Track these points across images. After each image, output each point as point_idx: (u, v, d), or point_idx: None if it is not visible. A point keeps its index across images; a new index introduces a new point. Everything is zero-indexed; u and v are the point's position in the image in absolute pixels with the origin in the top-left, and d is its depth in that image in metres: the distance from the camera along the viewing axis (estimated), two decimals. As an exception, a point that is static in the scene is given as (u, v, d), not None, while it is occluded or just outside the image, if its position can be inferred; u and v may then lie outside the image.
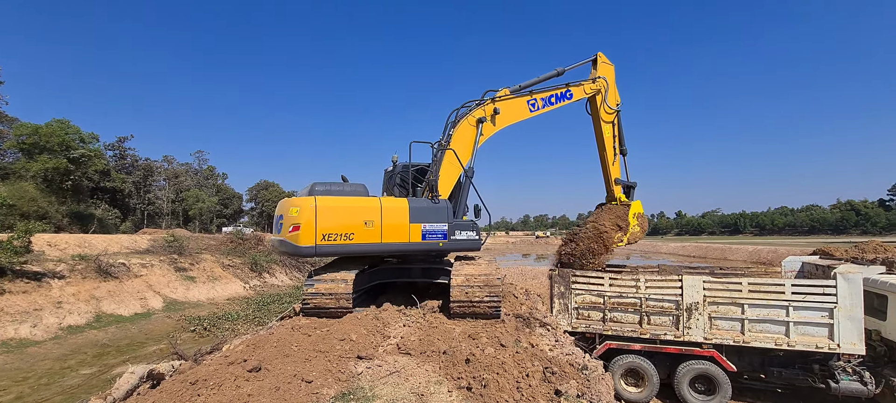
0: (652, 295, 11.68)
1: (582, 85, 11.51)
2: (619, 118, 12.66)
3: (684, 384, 11.44)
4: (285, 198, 8.56)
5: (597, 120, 12.30)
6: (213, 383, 4.81)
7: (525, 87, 10.47)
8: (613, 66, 12.27)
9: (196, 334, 19.45)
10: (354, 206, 7.86)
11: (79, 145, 43.40)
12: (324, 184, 8.17)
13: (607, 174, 13.01)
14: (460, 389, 4.91)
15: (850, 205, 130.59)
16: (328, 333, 6.74)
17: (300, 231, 7.43)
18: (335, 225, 7.60)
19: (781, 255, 38.29)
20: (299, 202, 7.75)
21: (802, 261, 13.97)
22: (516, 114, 10.35)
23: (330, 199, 7.79)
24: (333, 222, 7.59)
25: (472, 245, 8.76)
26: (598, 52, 12.10)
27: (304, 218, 7.45)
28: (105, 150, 59.37)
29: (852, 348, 10.27)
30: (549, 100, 10.82)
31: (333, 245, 7.63)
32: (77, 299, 20.71)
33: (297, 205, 7.66)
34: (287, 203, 7.96)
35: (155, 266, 27.59)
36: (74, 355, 16.33)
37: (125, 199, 59.76)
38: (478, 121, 9.52)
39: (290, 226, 7.50)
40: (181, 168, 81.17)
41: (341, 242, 7.65)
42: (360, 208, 7.86)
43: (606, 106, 12.11)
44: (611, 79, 12.19)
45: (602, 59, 12.10)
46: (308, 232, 7.43)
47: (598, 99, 11.93)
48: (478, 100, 9.73)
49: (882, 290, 10.87)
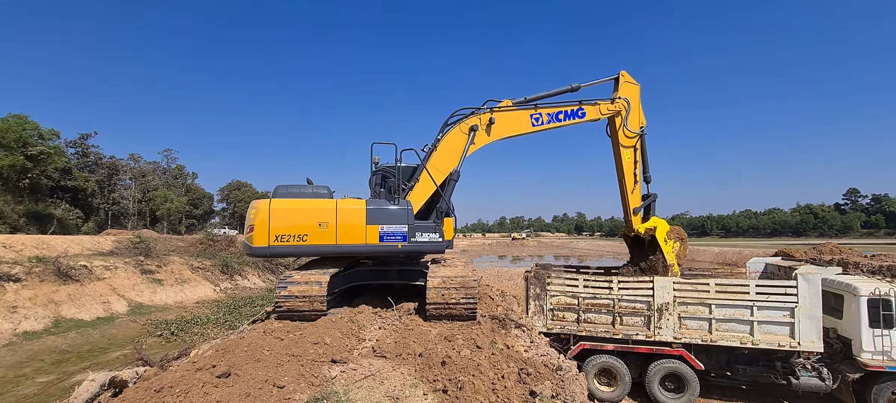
0: (624, 296, 11.94)
1: (598, 104, 10.66)
2: (643, 142, 11.56)
3: (655, 382, 11.74)
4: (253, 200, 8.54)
5: (616, 143, 11.39)
6: (179, 390, 4.62)
7: (532, 100, 9.91)
8: (639, 85, 11.25)
9: (163, 339, 18.75)
10: (308, 208, 7.96)
11: (37, 142, 41.37)
12: (287, 186, 8.25)
13: (626, 202, 11.98)
14: (436, 391, 4.88)
15: (809, 209, 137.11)
16: (301, 336, 6.60)
17: (254, 232, 7.65)
18: (288, 226, 7.76)
19: (746, 257, 39.79)
20: (257, 204, 7.94)
21: (766, 263, 14.56)
22: (516, 126, 9.80)
23: (284, 201, 7.96)
24: (287, 223, 7.75)
25: (436, 247, 8.58)
26: (622, 71, 11.11)
27: (259, 219, 7.69)
28: (66, 147, 56.70)
29: (811, 345, 10.76)
30: (557, 117, 10.14)
31: (286, 246, 7.77)
32: (34, 303, 19.66)
33: (254, 207, 7.87)
34: (251, 205, 8.11)
35: (119, 268, 26.47)
36: (30, 362, 15.48)
37: (88, 199, 57.11)
38: (470, 129, 9.24)
39: (249, 227, 7.72)
40: (148, 166, 78.19)
41: (294, 243, 7.79)
42: (314, 209, 7.95)
43: (626, 129, 11.13)
44: (635, 100, 11.22)
45: (625, 78, 11.12)
46: (261, 233, 7.65)
47: (617, 121, 11.04)
48: (475, 108, 9.42)
49: (838, 290, 11.44)
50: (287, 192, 8.16)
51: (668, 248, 11.94)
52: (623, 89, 11.07)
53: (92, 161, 64.63)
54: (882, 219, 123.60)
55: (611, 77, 11.23)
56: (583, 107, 10.50)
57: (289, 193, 8.16)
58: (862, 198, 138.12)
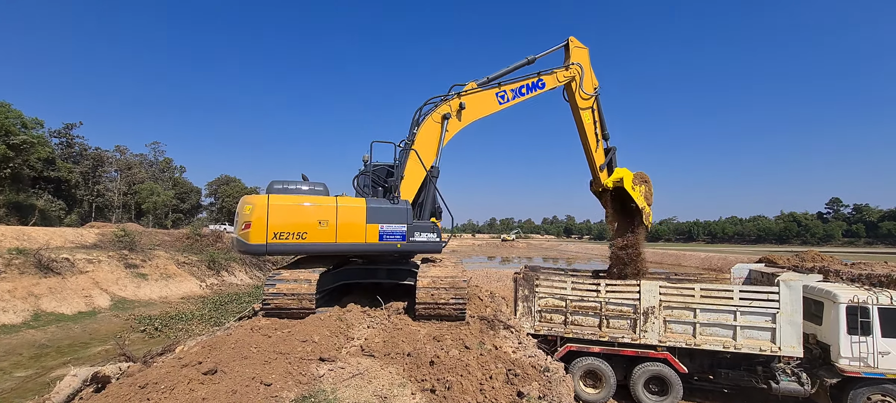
0: (611, 299, 12.08)
1: (555, 73, 10.93)
2: (599, 102, 12.14)
3: (639, 385, 11.89)
4: (245, 196, 8.26)
5: (575, 107, 11.80)
6: (164, 386, 4.57)
7: (493, 79, 10.00)
8: (587, 48, 11.65)
9: (146, 334, 18.47)
10: (308, 205, 7.74)
11: (20, 131, 40.44)
12: (282, 182, 8.02)
13: (592, 161, 12.60)
14: (424, 391, 4.89)
15: (792, 217, 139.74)
16: (289, 334, 6.56)
17: (251, 229, 7.30)
18: (288, 223, 7.48)
19: (731, 262, 40.43)
20: (253, 200, 7.58)
21: (750, 269, 14.82)
22: (485, 107, 9.89)
23: (283, 197, 7.67)
24: (286, 220, 7.47)
25: (433, 247, 8.64)
26: (570, 37, 11.45)
27: (256, 215, 7.34)
28: (50, 137, 55.56)
29: (791, 350, 10.99)
30: (520, 92, 10.30)
31: (285, 244, 7.49)
32: (13, 296, 19.21)
33: (250, 203, 7.50)
34: (242, 200, 7.77)
35: (103, 262, 25.99)
36: (8, 356, 15.14)
37: (71, 190, 55.97)
38: (443, 118, 9.21)
39: (243, 224, 7.35)
40: (135, 159, 76.92)
41: (293, 241, 7.52)
42: (314, 207, 7.73)
43: (582, 92, 11.54)
44: (586, 63, 11.59)
45: (574, 43, 11.45)
46: (259, 231, 7.32)
47: (573, 85, 11.40)
48: (443, 96, 9.37)
49: (819, 297, 11.69)
50: (283, 189, 7.92)
51: (637, 193, 12.71)
52: (574, 54, 11.38)
53: (76, 151, 63.39)
54: (862, 228, 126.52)
55: (560, 45, 11.40)
56: (542, 78, 10.69)
57: (285, 189, 7.91)
58: (844, 208, 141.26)
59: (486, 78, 9.99)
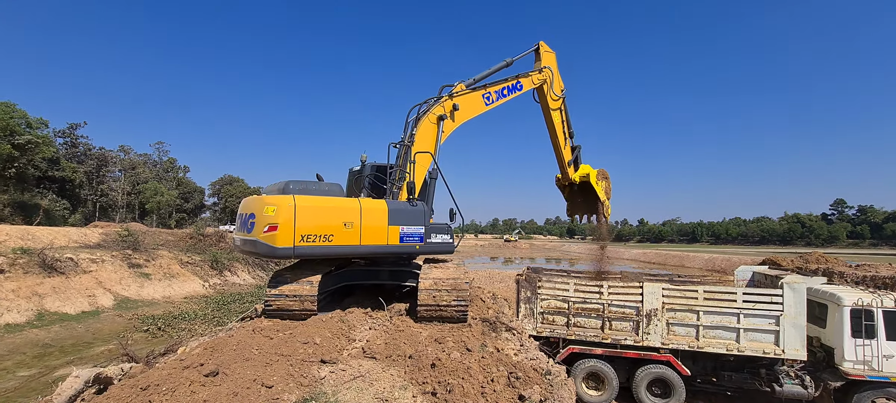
0: (614, 301, 12.03)
1: (530, 76, 11.47)
2: (565, 104, 12.88)
3: (642, 387, 11.84)
4: (254, 196, 8.03)
5: (546, 108, 12.40)
6: (166, 388, 4.58)
7: (479, 80, 10.38)
8: (555, 53, 12.32)
9: (149, 334, 18.52)
10: (334, 207, 7.53)
11: (25, 130, 40.66)
12: (300, 182, 7.77)
13: (560, 157, 13.38)
14: (425, 394, 4.89)
15: (796, 218, 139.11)
16: (291, 336, 6.57)
17: (278, 231, 6.92)
18: (314, 225, 7.23)
19: (734, 264, 40.21)
20: (276, 201, 7.24)
21: (753, 271, 14.74)
22: (474, 108, 10.22)
23: (309, 198, 7.41)
24: (313, 223, 7.21)
25: (447, 248, 8.74)
26: (540, 42, 12.04)
27: (283, 217, 6.95)
28: (55, 137, 55.81)
29: (795, 353, 10.92)
30: (502, 93, 10.76)
31: (312, 246, 7.24)
32: (17, 295, 19.31)
33: (273, 204, 7.13)
34: (259, 201, 7.43)
35: (106, 261, 26.09)
36: (12, 355, 15.22)
37: (75, 190, 56.26)
38: (438, 119, 9.35)
39: (266, 226, 7.00)
40: (139, 159, 77.38)
41: (320, 243, 7.28)
42: (340, 209, 7.54)
43: (552, 93, 12.17)
44: (554, 67, 12.24)
45: (544, 48, 12.07)
46: (286, 233, 6.95)
47: (545, 88, 11.98)
48: (436, 97, 9.55)
49: (823, 299, 11.62)
50: (303, 189, 7.62)
51: (600, 189, 13.91)
52: (544, 58, 12.00)
53: (81, 151, 63.75)
54: (867, 230, 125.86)
55: (532, 49, 12.03)
56: (520, 80, 11.14)
57: (305, 190, 7.63)
58: (848, 209, 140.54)
59: (473, 79, 10.30)
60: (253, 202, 7.61)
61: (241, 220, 7.81)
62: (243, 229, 7.60)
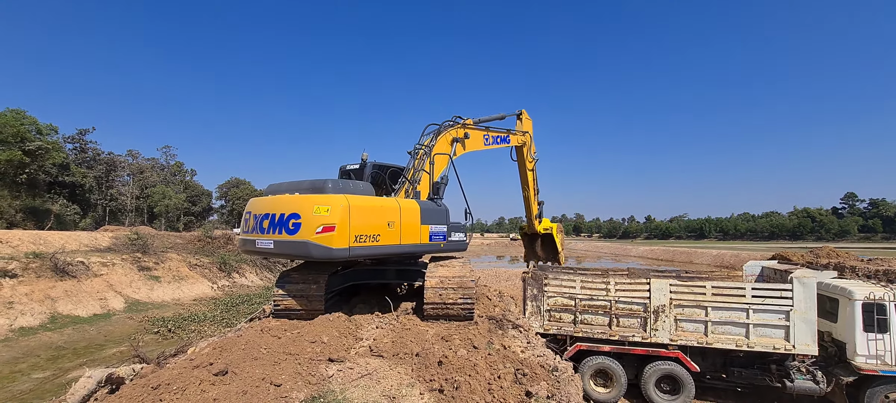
0: (621, 297, 11.99)
1: (515, 134, 12.52)
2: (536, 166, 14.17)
3: (651, 384, 11.78)
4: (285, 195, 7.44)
5: (522, 166, 13.47)
6: (176, 387, 4.64)
7: (480, 122, 11.25)
8: (532, 120, 13.62)
9: (159, 336, 18.74)
10: (381, 206, 7.51)
11: (35, 137, 41.25)
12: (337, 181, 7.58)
13: (529, 210, 14.59)
14: (432, 391, 4.90)
15: (806, 213, 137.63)
16: (299, 335, 6.62)
17: (335, 232, 6.66)
18: (365, 225, 7.11)
19: (743, 260, 39.93)
20: (329, 200, 6.93)
21: (762, 266, 14.61)
22: (477, 143, 11.06)
23: (360, 198, 7.31)
24: (364, 222, 7.09)
25: (461, 246, 9.22)
26: (522, 109, 13.33)
27: (339, 217, 6.71)
28: (64, 143, 56.54)
29: (806, 349, 10.81)
30: (497, 139, 11.83)
31: (364, 247, 7.11)
32: (30, 299, 19.62)
33: (326, 204, 6.81)
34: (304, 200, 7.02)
35: (116, 264, 26.43)
36: (26, 358, 15.47)
37: (86, 195, 56.96)
38: (453, 140, 10.03)
39: (320, 227, 6.69)
40: (147, 163, 78.19)
41: (369, 244, 7.18)
42: (386, 208, 7.56)
43: (529, 155, 13.38)
44: (531, 132, 13.41)
45: (525, 115, 13.35)
46: (343, 234, 6.72)
47: (524, 149, 13.08)
48: (451, 122, 10.24)
49: (834, 294, 11.49)
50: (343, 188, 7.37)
51: (559, 240, 15.44)
52: (524, 123, 13.19)
53: (90, 157, 64.50)
54: (879, 224, 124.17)
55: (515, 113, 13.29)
56: (508, 134, 12.15)
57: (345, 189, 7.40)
58: (859, 203, 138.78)
59: (478, 119, 11.23)
60: (292, 201, 7.14)
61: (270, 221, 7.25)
62: (277, 230, 7.11)
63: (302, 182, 7.61)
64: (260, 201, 7.75)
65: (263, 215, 7.35)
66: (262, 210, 7.46)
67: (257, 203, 7.76)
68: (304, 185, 7.50)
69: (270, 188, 8.16)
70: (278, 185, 8.04)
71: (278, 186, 8.00)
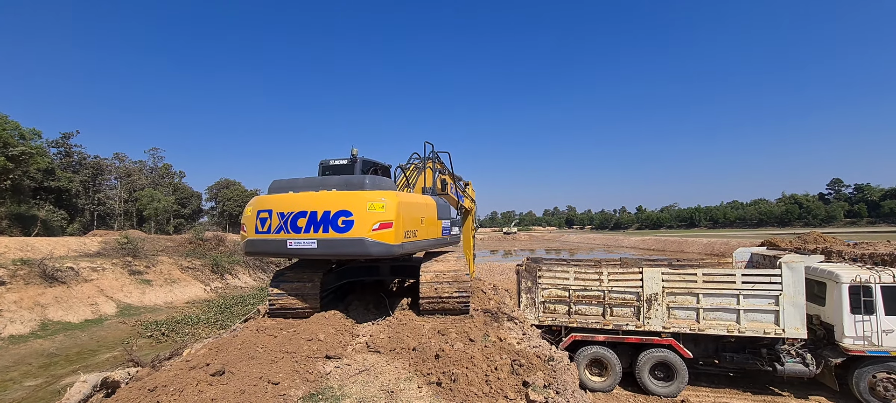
0: (614, 287, 12.12)
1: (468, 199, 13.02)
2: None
3: (645, 372, 11.95)
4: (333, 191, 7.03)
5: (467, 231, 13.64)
6: (173, 389, 4.62)
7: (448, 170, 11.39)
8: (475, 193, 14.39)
9: (153, 339, 18.55)
10: (419, 202, 7.74)
11: (18, 142, 40.39)
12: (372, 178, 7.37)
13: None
14: (430, 384, 4.94)
15: (793, 199, 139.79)
16: (295, 334, 6.61)
17: (393, 228, 6.56)
18: (410, 220, 7.12)
19: (733, 247, 40.45)
20: (386, 197, 6.72)
21: (752, 252, 14.83)
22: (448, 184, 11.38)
23: (405, 194, 7.33)
24: (410, 217, 7.13)
25: (457, 238, 9.78)
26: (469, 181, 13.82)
27: (394, 213, 6.61)
28: (49, 147, 55.48)
29: (795, 332, 11.02)
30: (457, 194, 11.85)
31: (410, 242, 7.11)
32: (19, 306, 19.31)
33: (382, 200, 6.62)
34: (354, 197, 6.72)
35: (107, 269, 26.08)
36: (17, 366, 15.24)
37: (72, 200, 56.10)
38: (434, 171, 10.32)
39: (376, 224, 6.52)
40: (134, 166, 76.91)
41: (411, 239, 7.19)
42: (422, 204, 7.81)
43: (474, 223, 14.49)
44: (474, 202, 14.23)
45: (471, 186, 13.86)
46: (399, 230, 6.67)
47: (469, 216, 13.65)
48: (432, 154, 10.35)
49: (821, 278, 11.72)
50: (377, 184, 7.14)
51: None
52: (471, 193, 13.79)
53: (75, 161, 63.38)
54: (864, 208, 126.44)
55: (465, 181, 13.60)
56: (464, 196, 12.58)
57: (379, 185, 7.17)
58: (845, 188, 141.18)
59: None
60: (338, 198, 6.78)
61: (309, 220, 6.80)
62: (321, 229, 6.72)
63: (327, 178, 7.35)
64: (285, 199, 7.08)
65: (297, 213, 6.85)
66: (291, 208, 6.91)
67: (279, 201, 7.08)
68: (333, 181, 7.23)
69: (277, 185, 7.56)
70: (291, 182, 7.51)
71: (292, 183, 7.45)
